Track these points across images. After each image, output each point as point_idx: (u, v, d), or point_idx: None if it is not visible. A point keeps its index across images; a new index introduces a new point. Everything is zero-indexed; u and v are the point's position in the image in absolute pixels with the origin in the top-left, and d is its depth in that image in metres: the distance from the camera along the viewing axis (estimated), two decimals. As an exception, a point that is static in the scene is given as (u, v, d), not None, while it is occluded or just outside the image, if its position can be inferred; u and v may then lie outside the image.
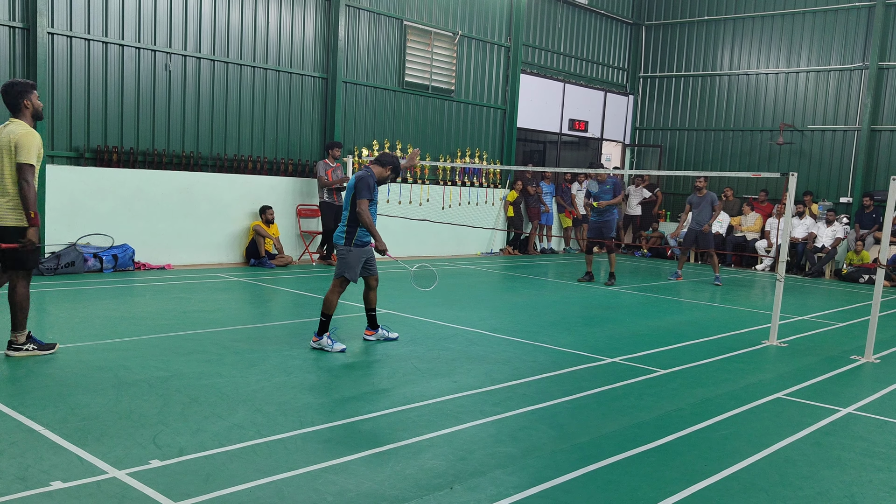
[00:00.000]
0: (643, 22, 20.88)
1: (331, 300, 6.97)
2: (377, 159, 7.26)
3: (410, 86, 15.43)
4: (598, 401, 5.83)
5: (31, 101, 6.10)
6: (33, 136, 6.00)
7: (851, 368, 7.43)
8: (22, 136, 5.94)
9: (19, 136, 5.94)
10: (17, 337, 6.22)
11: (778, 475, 4.48)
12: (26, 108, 6.10)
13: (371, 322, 7.49)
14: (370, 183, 6.98)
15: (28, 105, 6.10)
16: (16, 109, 6.09)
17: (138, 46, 11.62)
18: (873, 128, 17.27)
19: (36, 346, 6.29)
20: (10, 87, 6.10)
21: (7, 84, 6.13)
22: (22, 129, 5.99)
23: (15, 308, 6.17)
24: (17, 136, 5.94)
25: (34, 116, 6.16)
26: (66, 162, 11.11)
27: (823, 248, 16.06)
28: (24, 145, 5.93)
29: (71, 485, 3.81)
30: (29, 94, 6.10)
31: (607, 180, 12.67)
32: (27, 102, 6.09)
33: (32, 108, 6.13)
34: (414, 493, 3.93)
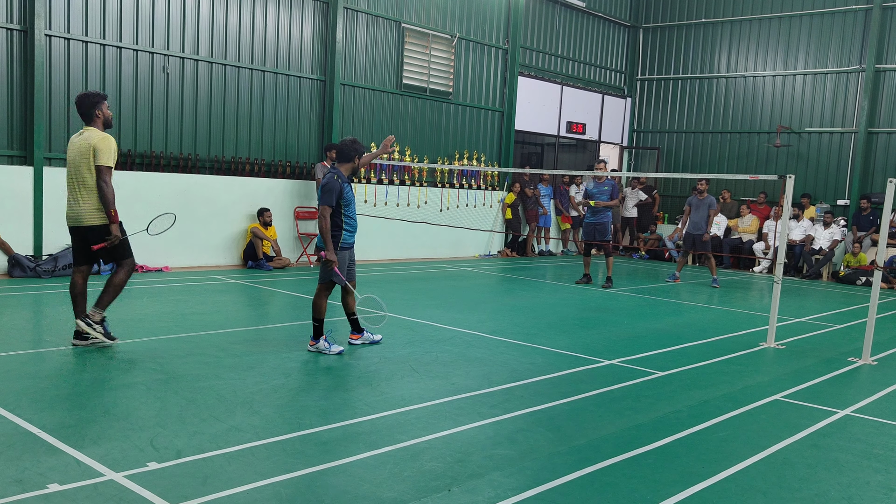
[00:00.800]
0: (640, 25, 20.91)
1: (319, 305, 6.94)
2: (340, 156, 7.00)
3: (408, 88, 15.44)
4: (595, 403, 5.83)
5: (101, 110, 6.63)
6: (109, 140, 6.51)
7: (849, 370, 7.43)
8: (99, 141, 6.45)
9: (97, 141, 6.44)
10: (94, 314, 6.64)
11: (776, 477, 4.49)
12: (98, 117, 6.61)
13: (354, 326, 7.38)
14: (335, 188, 6.75)
15: (99, 114, 6.62)
16: (89, 118, 6.61)
17: (136, 49, 11.62)
18: (870, 130, 17.30)
19: (103, 332, 6.66)
20: (84, 98, 6.60)
21: (81, 95, 6.63)
22: (98, 135, 6.50)
23: (109, 289, 6.68)
24: (95, 141, 6.45)
25: (105, 125, 6.68)
26: (64, 164, 11.02)
27: (821, 251, 16.08)
28: (102, 149, 6.43)
29: (68, 487, 3.80)
30: (100, 104, 6.62)
31: (606, 181, 12.64)
32: (98, 112, 6.61)
33: (103, 117, 6.65)
34: (412, 495, 3.93)
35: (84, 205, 6.56)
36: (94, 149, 6.44)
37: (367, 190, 14.73)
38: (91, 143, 6.46)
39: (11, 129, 10.69)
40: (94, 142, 6.45)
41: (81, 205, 6.58)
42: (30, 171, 10.64)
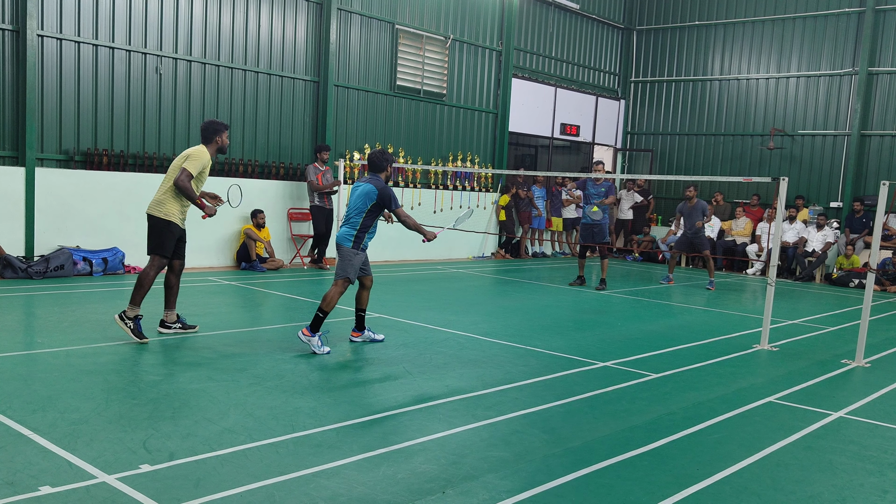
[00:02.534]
0: (634, 27, 20.95)
1: (333, 299, 7.00)
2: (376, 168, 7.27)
3: (402, 90, 15.43)
4: (590, 405, 5.82)
5: (221, 137, 7.33)
6: (204, 153, 7.16)
7: (842, 372, 7.45)
8: (195, 151, 7.13)
9: (193, 151, 7.13)
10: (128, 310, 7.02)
11: (770, 479, 4.49)
12: (216, 143, 7.31)
13: (359, 323, 7.53)
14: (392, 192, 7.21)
15: (218, 141, 7.31)
16: (207, 141, 7.29)
17: (129, 49, 11.58)
18: (863, 133, 17.36)
19: (133, 328, 7.01)
20: (210, 124, 7.32)
21: (208, 121, 7.37)
22: (198, 149, 7.18)
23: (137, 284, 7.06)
24: (192, 150, 7.14)
25: (219, 150, 7.37)
26: (56, 165, 11.06)
27: (814, 253, 16.12)
28: (195, 158, 7.06)
29: (60, 490, 3.78)
30: (221, 132, 7.32)
31: (603, 182, 12.57)
32: (218, 139, 7.31)
33: (220, 144, 7.35)
34: (406, 498, 3.92)
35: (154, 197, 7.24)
36: (189, 155, 7.10)
37: (361, 191, 14.69)
38: (188, 152, 7.15)
39: (3, 130, 10.64)
40: (191, 151, 7.16)
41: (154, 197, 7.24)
42: (21, 172, 10.59)
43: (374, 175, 7.24)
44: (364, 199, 7.09)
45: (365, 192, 7.11)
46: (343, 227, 7.20)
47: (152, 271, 7.11)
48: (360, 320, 7.53)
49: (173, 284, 7.44)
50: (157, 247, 7.16)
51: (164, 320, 7.49)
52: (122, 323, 6.99)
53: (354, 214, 7.13)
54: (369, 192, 7.08)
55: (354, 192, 7.21)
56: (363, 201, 7.09)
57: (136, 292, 7.03)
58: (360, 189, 7.16)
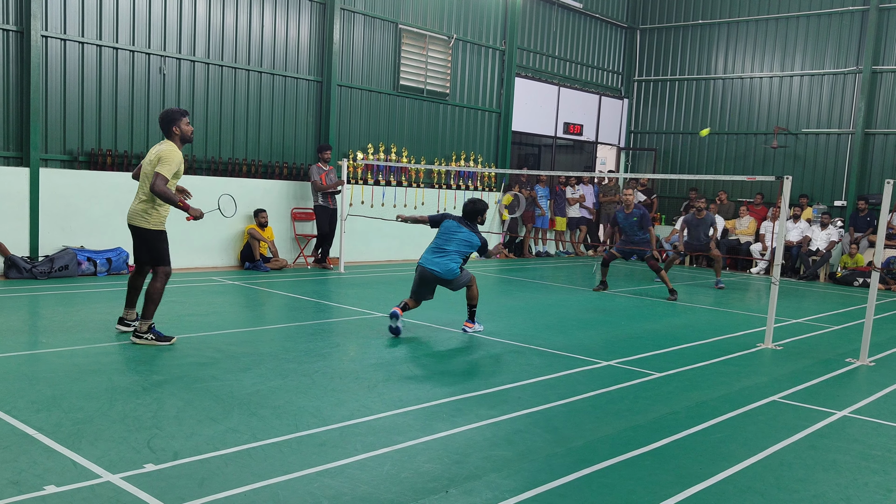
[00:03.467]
0: (637, 26, 20.93)
1: (476, 293, 8.29)
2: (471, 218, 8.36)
3: (405, 89, 15.43)
4: (593, 404, 5.82)
5: (179, 127, 6.98)
6: (175, 153, 6.87)
7: (846, 371, 7.44)
8: (164, 152, 6.82)
9: (163, 152, 6.82)
10: (141, 326, 6.99)
11: (773, 478, 4.48)
12: (175, 133, 6.99)
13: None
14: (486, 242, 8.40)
15: (177, 131, 6.98)
16: (168, 134, 7.01)
17: (133, 49, 11.61)
18: (867, 131, 17.32)
19: (154, 337, 6.98)
20: (165, 114, 7.02)
21: (163, 112, 7.06)
22: (168, 146, 6.88)
23: (147, 298, 6.99)
24: (162, 150, 6.84)
25: (182, 140, 7.05)
26: (60, 165, 11.08)
27: (818, 252, 16.09)
28: (167, 160, 6.78)
29: (65, 489, 3.79)
30: (178, 120, 6.98)
31: (633, 210, 12.11)
32: (175, 129, 6.97)
33: (181, 133, 7.00)
34: (409, 497, 3.92)
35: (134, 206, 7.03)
36: (160, 158, 6.81)
37: (364, 191, 14.73)
38: (159, 154, 6.85)
39: (7, 130, 10.67)
40: (161, 152, 6.84)
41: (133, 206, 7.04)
42: (26, 173, 10.62)
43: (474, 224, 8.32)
44: (467, 246, 8.16)
45: (467, 239, 8.14)
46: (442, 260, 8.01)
47: (160, 283, 7.03)
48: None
49: (140, 286, 7.37)
50: (159, 259, 7.06)
51: (125, 318, 7.41)
52: (141, 340, 6.94)
53: (456, 254, 8.07)
54: (471, 239, 8.17)
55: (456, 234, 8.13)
56: (466, 247, 8.15)
57: (148, 307, 6.98)
58: (464, 235, 8.14)
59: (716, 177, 10.18)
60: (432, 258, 8.01)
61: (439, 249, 8.08)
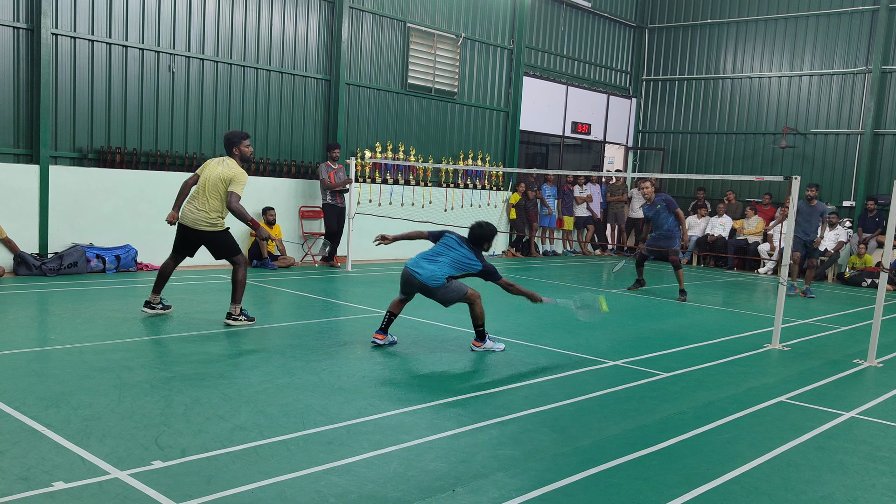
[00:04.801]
0: (646, 25, 20.88)
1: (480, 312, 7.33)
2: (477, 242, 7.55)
3: (413, 88, 15.44)
4: (600, 404, 5.82)
5: (240, 148, 7.79)
6: (244, 176, 7.68)
7: (854, 372, 7.42)
8: (239, 173, 7.64)
9: (237, 173, 7.63)
10: (234, 309, 7.87)
11: (781, 479, 4.48)
12: (235, 154, 7.77)
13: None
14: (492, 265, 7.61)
15: (237, 152, 7.77)
16: (229, 152, 7.80)
17: (142, 48, 11.64)
18: (876, 132, 17.25)
19: (245, 318, 7.89)
20: (230, 136, 7.82)
21: (228, 133, 7.88)
22: (238, 169, 7.67)
23: (236, 286, 7.83)
24: (235, 173, 7.62)
25: (242, 159, 7.82)
26: (70, 163, 11.12)
27: (826, 252, 16.04)
28: (239, 181, 7.60)
29: (73, 485, 3.81)
30: (240, 143, 7.78)
31: (656, 199, 11.85)
32: (236, 150, 7.77)
33: (240, 154, 7.79)
34: (416, 496, 3.93)
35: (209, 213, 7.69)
36: (233, 178, 7.58)
37: (372, 189, 14.74)
38: (232, 173, 7.60)
39: (18, 128, 10.72)
40: (235, 172, 7.62)
41: (203, 212, 7.69)
42: (36, 170, 10.67)
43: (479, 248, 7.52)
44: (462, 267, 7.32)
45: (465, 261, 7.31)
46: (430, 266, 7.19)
47: (242, 269, 7.84)
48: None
49: (170, 274, 8.09)
50: (233, 251, 7.90)
51: (151, 301, 8.10)
52: (237, 322, 7.80)
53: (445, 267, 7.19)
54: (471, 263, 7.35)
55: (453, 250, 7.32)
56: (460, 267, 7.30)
57: (238, 292, 7.81)
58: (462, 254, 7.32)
59: (724, 177, 10.16)
60: (419, 261, 7.27)
61: (430, 256, 7.32)
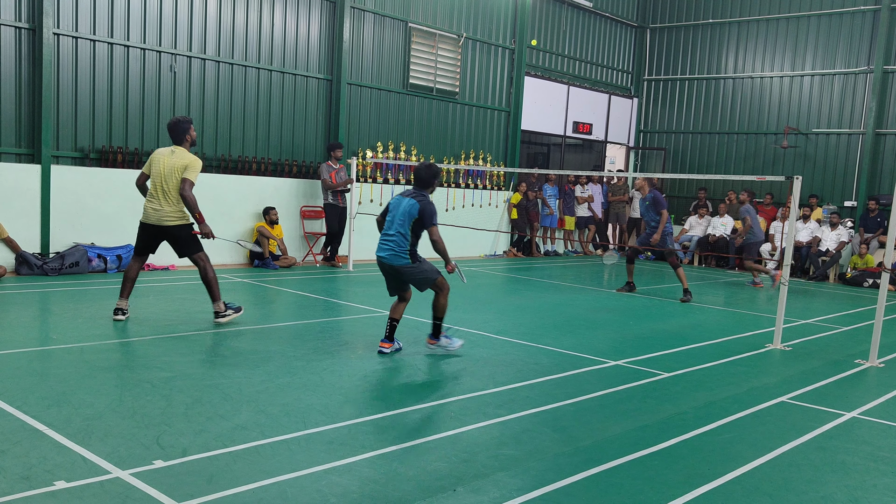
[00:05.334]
0: (647, 25, 20.87)
1: (443, 304, 7.05)
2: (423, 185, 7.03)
3: (415, 88, 15.44)
4: (601, 404, 5.82)
5: (190, 134, 7.77)
6: (199, 162, 7.67)
7: (856, 372, 7.41)
8: (193, 160, 7.62)
9: (191, 161, 7.60)
10: (217, 306, 7.85)
11: (782, 479, 4.48)
12: (186, 141, 7.73)
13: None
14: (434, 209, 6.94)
15: (188, 139, 7.75)
16: (179, 140, 7.71)
17: (143, 47, 11.65)
18: (878, 132, 17.23)
19: (233, 311, 7.96)
20: (179, 122, 7.73)
21: (176, 121, 7.76)
22: (191, 156, 7.63)
23: (207, 285, 7.83)
24: (189, 160, 7.59)
25: (191, 144, 7.80)
26: (71, 162, 11.13)
27: (827, 252, 16.03)
28: (194, 168, 7.59)
29: (74, 484, 3.82)
30: (189, 129, 7.76)
31: (647, 195, 11.82)
32: (188, 137, 7.73)
33: (191, 140, 7.78)
34: (417, 495, 3.93)
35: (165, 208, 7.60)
36: (188, 166, 7.55)
37: (374, 189, 14.74)
38: (185, 162, 7.55)
39: (19, 128, 10.72)
40: (189, 161, 7.57)
41: (163, 208, 7.60)
42: (37, 170, 10.67)
43: (420, 191, 7.00)
44: (408, 218, 6.85)
45: (407, 209, 6.86)
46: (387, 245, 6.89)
47: (209, 267, 7.82)
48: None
49: (136, 277, 7.90)
50: (197, 246, 7.83)
51: (122, 308, 7.80)
52: (225, 318, 7.86)
53: (398, 235, 6.85)
54: (411, 208, 6.84)
55: (397, 209, 6.91)
56: (407, 219, 6.85)
57: (213, 290, 7.83)
58: (403, 206, 6.89)
59: (725, 176, 10.16)
60: (380, 244, 6.97)
61: (386, 231, 6.97)
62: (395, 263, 6.86)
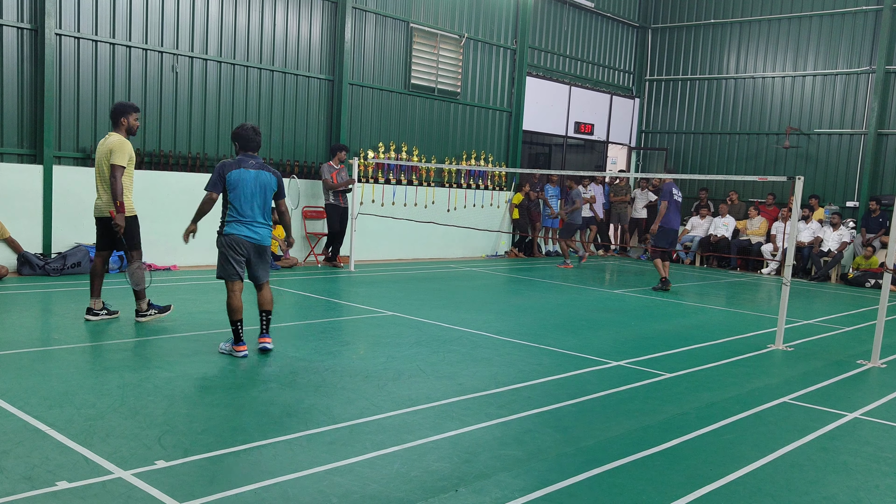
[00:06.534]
0: (649, 25, 20.86)
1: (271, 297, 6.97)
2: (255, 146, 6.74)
3: (416, 88, 15.44)
4: (603, 404, 5.82)
5: (128, 120, 7.53)
6: (125, 143, 7.41)
7: (858, 373, 7.41)
8: (116, 143, 7.36)
9: (114, 143, 7.36)
10: (142, 305, 7.70)
11: (784, 480, 4.47)
12: (122, 125, 7.52)
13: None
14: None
15: (124, 122, 7.51)
16: (115, 125, 7.55)
17: (145, 48, 11.66)
18: (880, 132, 17.22)
19: (157, 311, 7.80)
20: (117, 106, 7.56)
21: (116, 104, 7.62)
22: (116, 139, 7.40)
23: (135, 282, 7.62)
24: (112, 143, 7.36)
25: (128, 131, 7.56)
26: (73, 163, 11.14)
27: (829, 252, 16.01)
28: (117, 150, 7.32)
29: (77, 485, 3.82)
30: (129, 114, 7.53)
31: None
32: (123, 121, 7.51)
33: (127, 125, 7.53)
34: (419, 496, 3.93)
35: (103, 198, 7.52)
36: (111, 150, 7.34)
37: (375, 190, 14.75)
38: (109, 146, 7.37)
39: (21, 128, 10.73)
40: (112, 144, 7.36)
41: (102, 198, 7.54)
42: (39, 170, 10.68)
43: (258, 159, 6.71)
44: (269, 192, 6.68)
45: (266, 182, 6.63)
46: (262, 229, 6.69)
47: (138, 265, 7.63)
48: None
49: (102, 273, 7.78)
50: (135, 241, 7.64)
51: (93, 308, 7.73)
52: (147, 318, 7.70)
53: (262, 211, 6.67)
54: (269, 181, 6.65)
55: (248, 184, 6.54)
56: (269, 193, 6.68)
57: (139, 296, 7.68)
58: (261, 180, 6.60)
59: (727, 177, 10.16)
60: (244, 225, 6.68)
61: (246, 214, 6.64)
62: (267, 243, 6.79)
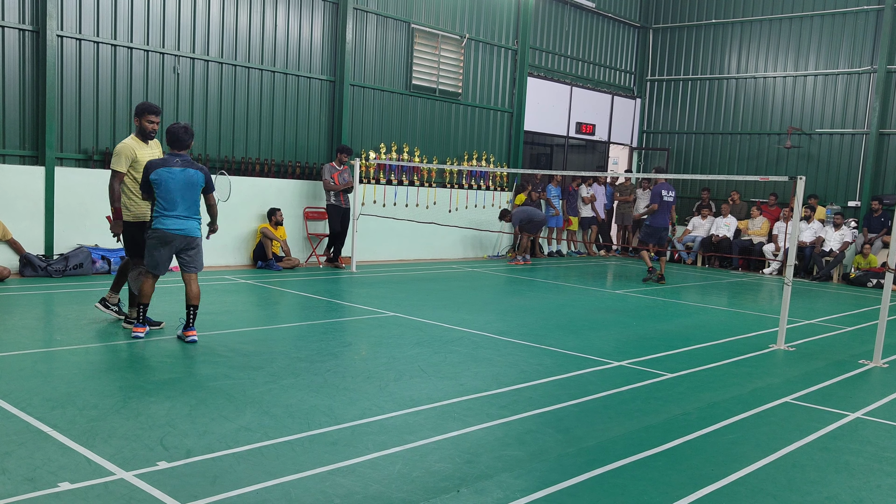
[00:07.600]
0: (650, 25, 20.86)
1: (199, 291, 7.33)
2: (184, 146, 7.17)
3: (418, 89, 15.45)
4: (604, 404, 5.82)
5: (140, 120, 7.36)
6: (124, 147, 7.25)
7: (860, 373, 7.40)
8: (117, 147, 7.28)
9: (116, 147, 7.30)
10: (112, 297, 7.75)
11: (786, 480, 4.47)
12: (136, 125, 7.44)
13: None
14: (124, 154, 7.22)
15: (137, 123, 7.41)
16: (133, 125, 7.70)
17: (147, 49, 11.67)
18: (882, 131, 17.20)
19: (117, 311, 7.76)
20: (136, 106, 7.46)
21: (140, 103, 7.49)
22: (120, 143, 7.31)
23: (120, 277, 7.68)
24: (116, 147, 7.30)
25: (141, 133, 7.40)
26: (75, 164, 11.15)
27: (831, 252, 16.00)
28: (115, 155, 7.27)
29: (79, 486, 3.82)
30: (141, 116, 7.36)
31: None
32: (136, 121, 7.40)
33: (139, 127, 7.39)
34: (421, 496, 3.94)
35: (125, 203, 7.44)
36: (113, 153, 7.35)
37: (377, 190, 14.76)
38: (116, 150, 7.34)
39: (23, 130, 10.75)
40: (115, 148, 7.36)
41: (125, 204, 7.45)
42: (41, 172, 10.70)
43: (185, 157, 7.10)
44: (197, 188, 7.05)
45: (193, 178, 7.00)
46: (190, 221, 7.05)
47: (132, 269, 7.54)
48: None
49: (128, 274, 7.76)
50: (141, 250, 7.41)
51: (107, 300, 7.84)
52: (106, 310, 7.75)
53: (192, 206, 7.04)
54: (196, 178, 7.04)
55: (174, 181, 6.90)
56: (197, 189, 7.05)
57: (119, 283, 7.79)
58: (188, 177, 6.96)
59: (729, 177, 10.16)
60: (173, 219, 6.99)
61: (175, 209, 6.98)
62: (196, 235, 7.13)
